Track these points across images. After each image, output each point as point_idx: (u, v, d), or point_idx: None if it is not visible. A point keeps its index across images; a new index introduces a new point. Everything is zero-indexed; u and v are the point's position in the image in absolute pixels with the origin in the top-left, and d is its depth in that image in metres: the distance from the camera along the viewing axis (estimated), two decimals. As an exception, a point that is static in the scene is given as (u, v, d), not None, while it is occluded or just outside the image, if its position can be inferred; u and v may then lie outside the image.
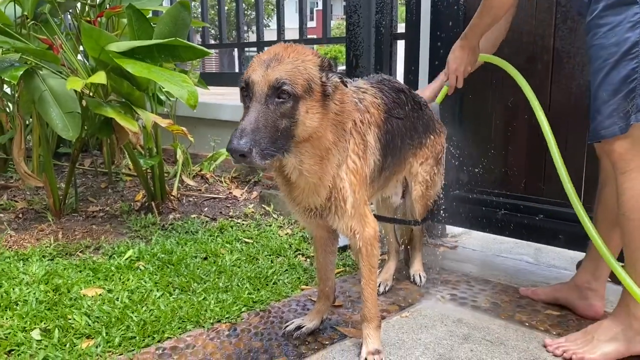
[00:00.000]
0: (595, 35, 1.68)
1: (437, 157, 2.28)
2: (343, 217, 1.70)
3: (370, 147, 1.77)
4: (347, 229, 1.74)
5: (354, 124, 1.69)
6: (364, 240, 1.76)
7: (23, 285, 2.23)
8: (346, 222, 1.72)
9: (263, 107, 1.41)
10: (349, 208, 1.69)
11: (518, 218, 2.61)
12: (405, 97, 2.04)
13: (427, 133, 2.20)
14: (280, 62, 1.46)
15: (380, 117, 1.84)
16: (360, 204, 1.72)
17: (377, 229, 1.80)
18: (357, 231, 1.74)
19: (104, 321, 1.98)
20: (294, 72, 1.45)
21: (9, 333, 1.87)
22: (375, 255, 1.80)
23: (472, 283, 2.46)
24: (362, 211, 1.74)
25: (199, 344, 1.89)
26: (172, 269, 2.48)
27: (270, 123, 1.40)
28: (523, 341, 1.91)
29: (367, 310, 1.82)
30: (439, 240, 3.04)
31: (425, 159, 2.21)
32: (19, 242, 2.79)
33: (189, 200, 3.56)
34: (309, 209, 1.72)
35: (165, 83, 2.43)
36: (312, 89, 1.48)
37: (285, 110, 1.43)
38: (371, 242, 1.77)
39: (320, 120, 1.51)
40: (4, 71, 2.56)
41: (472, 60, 2.27)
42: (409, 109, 2.04)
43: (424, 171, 2.22)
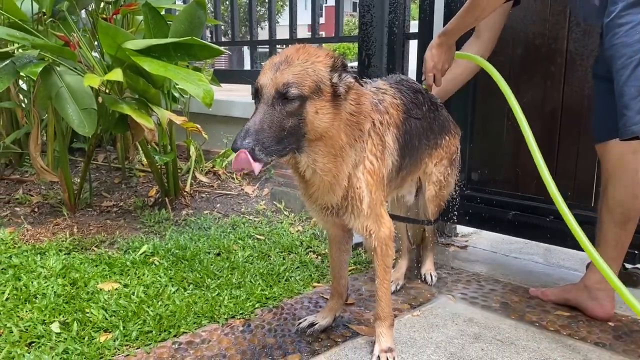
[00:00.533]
0: (616, 34, 1.70)
1: (451, 158, 2.30)
2: (359, 216, 1.73)
3: (389, 148, 1.79)
4: (362, 229, 1.77)
5: (373, 125, 1.72)
6: (379, 240, 1.79)
7: (41, 279, 2.28)
8: (362, 222, 1.75)
9: (269, 109, 1.46)
10: (365, 208, 1.72)
11: (528, 218, 2.62)
12: (422, 98, 2.06)
13: (443, 134, 2.22)
14: (290, 64, 1.50)
15: (399, 118, 1.87)
16: (377, 204, 1.75)
17: (393, 229, 1.83)
18: (373, 231, 1.77)
19: (121, 315, 2.02)
20: (302, 74, 1.48)
21: (29, 325, 1.92)
22: (390, 255, 1.83)
23: (482, 283, 2.48)
24: (378, 211, 1.77)
25: (214, 339, 1.92)
26: (186, 265, 2.51)
27: (275, 123, 1.45)
28: (534, 341, 1.93)
29: (380, 309, 1.84)
30: (450, 240, 3.06)
31: (439, 159, 2.23)
32: (36, 236, 2.83)
33: (202, 196, 3.59)
34: (325, 207, 1.75)
35: (181, 81, 2.46)
36: (322, 89, 1.51)
37: (292, 110, 1.47)
38: (386, 242, 1.80)
39: (331, 120, 1.54)
40: (23, 67, 2.59)
41: (449, 58, 2.25)
42: (426, 110, 2.06)
43: (438, 172, 2.25)
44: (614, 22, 1.70)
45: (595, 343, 1.93)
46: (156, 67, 2.47)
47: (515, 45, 2.63)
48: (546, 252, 2.90)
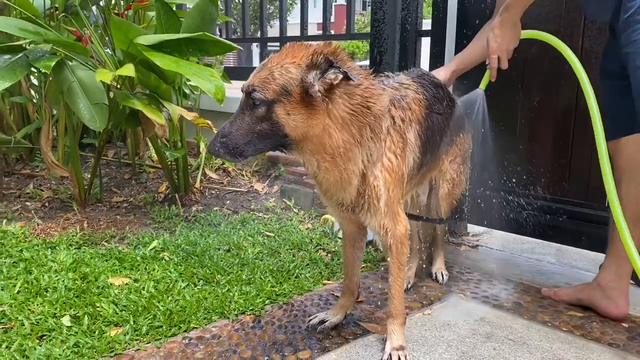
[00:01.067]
0: (637, 30, 1.66)
1: (464, 155, 2.29)
2: (376, 214, 1.71)
3: (410, 145, 1.77)
4: (379, 227, 1.75)
5: (393, 122, 1.70)
6: (395, 238, 1.77)
7: (52, 273, 2.28)
8: (378, 220, 1.73)
9: (239, 114, 1.54)
10: (382, 206, 1.70)
11: (541, 218, 2.60)
12: (443, 93, 2.05)
13: (458, 131, 2.21)
14: (262, 68, 1.53)
15: (421, 114, 1.85)
16: (394, 202, 1.73)
17: (408, 227, 1.82)
18: (389, 229, 1.75)
19: (131, 310, 2.02)
20: (267, 78, 1.48)
21: (40, 319, 1.92)
22: (405, 254, 1.81)
23: (493, 282, 2.46)
24: (395, 209, 1.75)
25: (224, 334, 1.92)
26: (196, 260, 2.51)
27: (244, 127, 1.52)
28: (546, 341, 1.91)
29: (393, 306, 1.83)
30: (461, 239, 3.04)
31: (454, 156, 2.22)
32: (46, 231, 2.84)
33: (212, 193, 3.59)
34: (341, 204, 1.73)
35: (193, 77, 2.46)
36: (290, 91, 1.47)
37: (261, 114, 1.50)
38: (402, 241, 1.78)
39: (307, 120, 1.49)
40: (36, 61, 2.60)
41: (515, 36, 2.03)
42: (446, 105, 2.05)
43: (452, 169, 2.24)
44: (633, 18, 1.67)
45: (608, 344, 1.91)
46: (168, 63, 2.47)
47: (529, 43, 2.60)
48: (558, 252, 2.87)
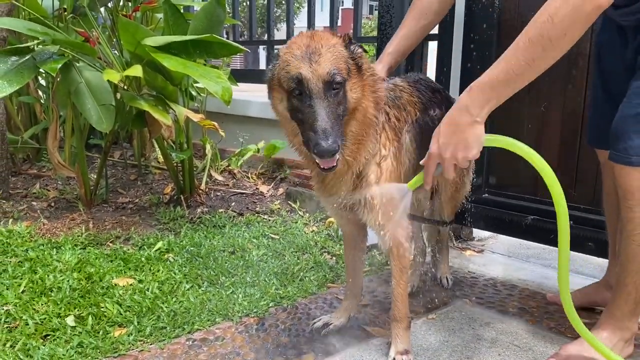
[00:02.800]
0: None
1: None
2: (372, 211, 1.70)
3: (406, 147, 1.77)
4: (376, 225, 1.74)
5: (388, 118, 1.71)
6: (395, 240, 1.76)
7: (57, 273, 2.28)
8: (375, 217, 1.71)
9: (325, 102, 1.46)
10: (377, 203, 1.69)
11: (546, 224, 2.58)
12: (441, 97, 2.04)
13: None
14: (320, 54, 1.49)
15: (416, 116, 1.84)
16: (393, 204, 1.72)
17: (409, 230, 1.80)
18: (388, 229, 1.74)
19: (135, 311, 2.02)
20: (336, 60, 1.50)
21: (44, 318, 1.92)
22: (406, 257, 1.80)
23: (498, 287, 2.45)
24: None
25: (228, 336, 1.92)
26: (201, 262, 2.51)
27: (335, 115, 1.47)
28: (552, 348, 1.89)
29: (397, 310, 1.82)
30: (466, 244, 3.03)
31: None
32: (52, 231, 2.85)
33: (217, 194, 3.60)
34: (338, 200, 1.73)
35: (200, 78, 2.46)
36: (349, 68, 1.54)
37: (340, 98, 1.50)
38: (402, 243, 1.77)
39: (362, 91, 1.57)
40: (43, 63, 2.61)
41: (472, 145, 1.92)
42: (444, 109, 2.04)
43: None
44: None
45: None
46: (175, 64, 2.47)
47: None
48: (564, 258, 2.85)
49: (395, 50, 2.03)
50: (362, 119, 1.59)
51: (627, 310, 1.74)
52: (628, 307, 1.73)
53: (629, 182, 1.62)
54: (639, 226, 1.65)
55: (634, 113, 1.59)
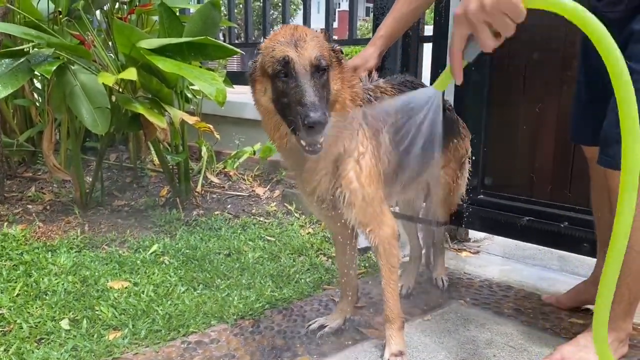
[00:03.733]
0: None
1: (460, 161, 2.27)
2: (353, 209, 1.70)
3: (385, 146, 1.77)
4: (359, 224, 1.74)
5: (365, 116, 1.71)
6: (381, 239, 1.75)
7: (52, 276, 2.28)
8: (357, 216, 1.71)
9: (312, 82, 1.47)
10: (357, 200, 1.68)
11: (542, 225, 2.59)
12: None
13: (450, 136, 2.20)
14: (305, 40, 1.52)
15: (397, 117, 1.83)
16: (374, 200, 1.71)
17: (396, 229, 1.79)
18: (372, 229, 1.74)
19: (130, 314, 2.02)
20: (321, 47, 1.53)
21: (39, 322, 1.92)
22: (395, 255, 1.79)
23: (494, 289, 2.45)
24: (378, 208, 1.73)
25: (223, 339, 1.91)
26: (196, 265, 2.51)
27: (321, 94, 1.48)
28: (547, 348, 1.89)
29: (389, 310, 1.82)
30: (462, 245, 3.03)
31: (447, 162, 2.21)
32: (47, 234, 2.84)
33: (213, 197, 3.59)
34: (321, 198, 1.73)
35: (195, 80, 2.46)
36: (331, 58, 1.57)
37: (324, 81, 1.51)
38: (389, 241, 1.76)
39: (341, 84, 1.59)
40: (38, 65, 2.61)
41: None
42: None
43: (446, 174, 2.22)
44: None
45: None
46: (170, 66, 2.47)
47: (531, 49, 2.61)
48: (560, 259, 2.86)
49: (387, 34, 2.04)
50: (340, 111, 1.60)
51: (621, 311, 1.74)
52: (621, 308, 1.74)
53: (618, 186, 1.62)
54: None
55: None
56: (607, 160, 1.64)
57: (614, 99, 1.56)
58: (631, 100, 1.05)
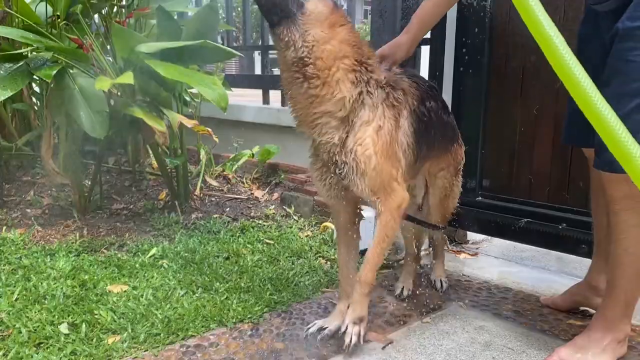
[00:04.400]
0: (637, 50, 1.50)
1: (457, 167, 2.30)
2: (364, 177, 1.75)
3: (403, 128, 1.81)
4: (369, 192, 1.78)
5: (387, 96, 1.76)
6: (386, 208, 1.80)
7: (51, 280, 2.28)
8: (366, 184, 1.76)
9: None
10: (369, 168, 1.74)
11: (540, 226, 2.59)
12: (436, 93, 2.07)
13: (452, 140, 2.22)
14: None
15: (414, 102, 1.88)
16: (384, 172, 1.76)
17: (404, 205, 1.83)
18: (379, 197, 1.79)
19: (129, 317, 2.01)
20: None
21: (37, 326, 1.91)
22: (393, 228, 1.83)
23: (493, 290, 2.45)
24: (387, 181, 1.78)
25: (222, 342, 1.91)
26: (195, 268, 2.51)
27: None
28: (545, 350, 1.90)
29: (364, 272, 1.86)
30: (460, 247, 3.04)
31: (447, 165, 2.23)
32: (46, 238, 2.84)
33: (211, 200, 3.60)
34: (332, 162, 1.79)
35: (196, 85, 2.47)
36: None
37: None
38: (392, 213, 1.80)
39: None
40: (37, 69, 2.61)
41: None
42: (440, 105, 2.07)
43: (444, 177, 2.24)
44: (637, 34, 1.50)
45: (608, 353, 1.89)
46: (170, 71, 2.48)
47: (528, 51, 2.62)
48: (558, 260, 2.86)
49: (423, 20, 2.02)
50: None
51: (618, 312, 1.74)
52: (619, 309, 1.74)
53: (614, 189, 1.63)
54: (624, 231, 1.66)
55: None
56: (602, 163, 1.64)
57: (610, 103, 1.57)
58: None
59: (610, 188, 1.65)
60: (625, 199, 1.62)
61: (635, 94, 1.50)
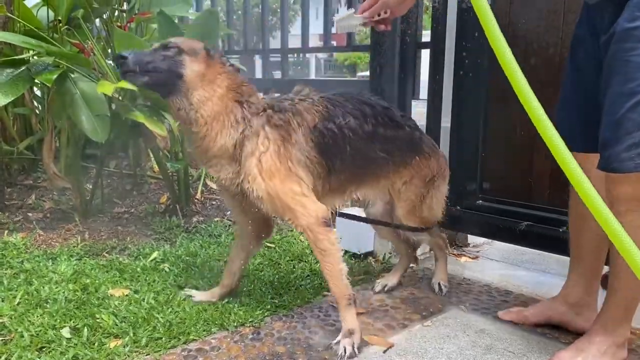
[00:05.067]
0: (635, 50, 1.50)
1: (425, 179, 2.29)
2: (262, 201, 1.92)
3: (298, 144, 1.94)
4: (273, 214, 2.02)
5: (268, 120, 1.93)
6: (303, 227, 1.92)
7: (52, 284, 2.29)
8: (270, 208, 1.94)
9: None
10: (264, 194, 1.89)
11: (541, 229, 2.59)
12: (371, 111, 2.13)
13: (411, 153, 2.24)
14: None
15: (314, 120, 1.99)
16: (281, 193, 1.89)
17: (321, 216, 1.91)
18: (290, 218, 1.93)
19: (131, 321, 2.02)
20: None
21: (39, 330, 1.92)
22: (322, 240, 1.91)
23: (493, 294, 2.46)
24: (291, 201, 1.89)
25: (224, 346, 1.92)
26: (197, 272, 2.52)
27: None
28: (546, 354, 1.90)
29: (331, 291, 1.98)
30: (461, 251, 3.04)
31: (409, 178, 2.25)
32: (47, 241, 2.85)
33: (212, 203, 3.60)
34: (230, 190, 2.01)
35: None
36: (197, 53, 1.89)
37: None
38: (311, 229, 1.90)
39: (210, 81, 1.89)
40: (38, 74, 2.62)
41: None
42: (376, 123, 2.13)
43: (409, 190, 2.26)
44: (637, 34, 1.50)
45: (609, 356, 1.90)
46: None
47: (527, 54, 2.63)
48: (559, 263, 2.86)
49: None
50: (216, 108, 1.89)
51: (618, 315, 1.75)
52: (619, 313, 1.75)
53: (619, 190, 1.63)
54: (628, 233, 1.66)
55: (615, 119, 1.57)
56: (604, 161, 1.62)
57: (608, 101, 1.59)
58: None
59: (615, 189, 1.65)
60: (631, 200, 1.61)
61: (632, 93, 1.51)
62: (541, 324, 2.12)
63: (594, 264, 2.01)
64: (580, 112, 1.85)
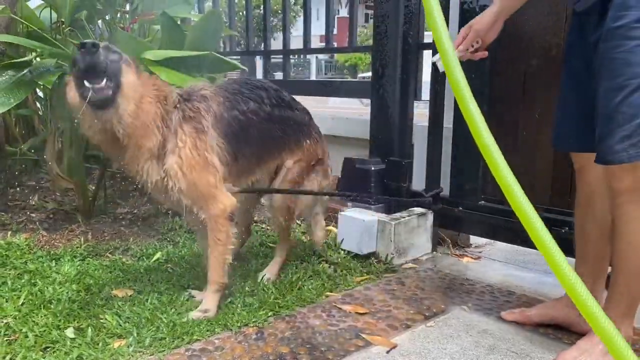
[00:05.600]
0: (620, 47, 1.56)
1: (310, 163, 2.43)
2: (181, 193, 2.00)
3: (210, 133, 2.02)
4: (189, 204, 2.04)
5: (183, 115, 1.99)
6: (209, 216, 2.05)
7: (56, 284, 2.30)
8: (185, 198, 2.02)
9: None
10: (184, 186, 1.98)
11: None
12: (265, 93, 2.24)
13: (302, 135, 2.40)
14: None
15: (219, 110, 2.08)
16: (199, 184, 1.99)
17: (228, 209, 2.05)
18: (201, 207, 2.04)
19: (135, 322, 2.03)
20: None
21: (44, 331, 1.93)
22: (222, 232, 2.06)
23: (496, 294, 2.46)
24: (206, 191, 2.01)
25: (227, 346, 1.92)
26: (200, 272, 2.52)
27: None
28: (549, 354, 1.91)
29: (210, 275, 2.12)
30: (463, 251, 3.05)
31: (298, 159, 2.40)
32: (51, 242, 2.86)
33: (215, 204, 3.61)
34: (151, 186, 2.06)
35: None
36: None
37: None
38: (216, 220, 2.04)
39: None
40: (40, 76, 2.63)
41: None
42: (271, 105, 2.24)
43: (294, 170, 2.39)
44: (620, 32, 1.56)
45: (612, 356, 1.90)
46: (174, 78, 2.50)
47: (530, 55, 2.63)
48: (561, 264, 2.86)
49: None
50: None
51: (620, 312, 1.75)
52: (621, 309, 1.75)
53: (618, 181, 1.65)
54: (628, 224, 1.68)
55: (607, 114, 1.62)
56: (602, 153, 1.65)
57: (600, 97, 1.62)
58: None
59: (614, 181, 1.67)
60: (630, 191, 1.64)
61: (620, 87, 1.57)
62: (544, 325, 2.12)
63: (598, 265, 2.01)
64: (579, 116, 1.89)
